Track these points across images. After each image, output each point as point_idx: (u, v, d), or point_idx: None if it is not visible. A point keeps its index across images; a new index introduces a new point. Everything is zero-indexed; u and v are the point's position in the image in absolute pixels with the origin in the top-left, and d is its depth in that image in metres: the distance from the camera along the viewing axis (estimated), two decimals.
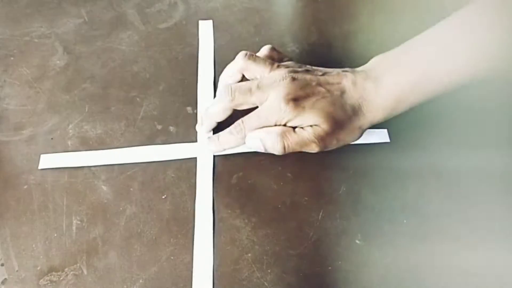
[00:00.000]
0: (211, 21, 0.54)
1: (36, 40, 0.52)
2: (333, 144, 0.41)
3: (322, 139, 0.39)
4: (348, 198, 0.43)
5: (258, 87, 0.40)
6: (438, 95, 0.40)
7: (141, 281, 0.37)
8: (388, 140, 0.46)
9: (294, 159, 0.44)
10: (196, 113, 0.47)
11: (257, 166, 0.43)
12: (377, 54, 0.45)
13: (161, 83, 0.49)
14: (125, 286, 0.37)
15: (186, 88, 0.49)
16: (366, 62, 0.45)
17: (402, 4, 0.56)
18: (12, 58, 0.51)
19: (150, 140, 0.45)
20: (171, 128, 0.46)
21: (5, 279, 0.37)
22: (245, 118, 0.41)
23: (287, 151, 0.40)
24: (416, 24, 0.54)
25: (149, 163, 0.43)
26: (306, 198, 0.42)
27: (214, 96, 0.48)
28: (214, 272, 0.37)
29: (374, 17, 0.55)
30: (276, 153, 0.40)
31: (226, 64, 0.48)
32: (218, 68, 0.50)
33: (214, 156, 0.44)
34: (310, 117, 0.39)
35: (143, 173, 0.43)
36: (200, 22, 0.54)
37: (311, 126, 0.39)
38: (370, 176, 0.44)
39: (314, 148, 0.40)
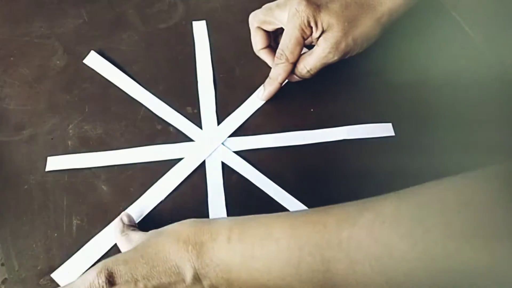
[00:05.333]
0: (204, 21, 0.54)
1: (36, 40, 0.52)
2: (351, 46, 0.42)
3: (336, 45, 0.41)
4: (348, 198, 0.43)
5: None
6: None
7: None
8: (393, 134, 0.46)
9: (294, 159, 0.44)
10: (196, 113, 0.47)
11: (257, 166, 0.43)
12: (376, 53, 0.45)
13: (161, 83, 0.49)
14: None
15: (186, 88, 0.49)
16: (366, 62, 0.45)
17: None
18: (12, 58, 0.51)
19: (150, 140, 0.45)
20: (171, 128, 0.46)
21: (5, 278, 0.37)
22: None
23: (311, 74, 0.44)
24: (417, 25, 0.54)
25: (149, 163, 0.43)
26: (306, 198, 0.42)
27: (215, 95, 0.48)
28: None
29: None
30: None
31: (226, 65, 0.48)
32: (219, 69, 0.50)
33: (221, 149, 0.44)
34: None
35: (143, 173, 0.43)
36: (194, 23, 0.54)
37: (322, 36, 0.41)
38: (370, 176, 0.44)
39: (332, 58, 0.42)
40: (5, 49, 0.51)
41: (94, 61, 0.50)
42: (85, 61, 0.50)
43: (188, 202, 0.42)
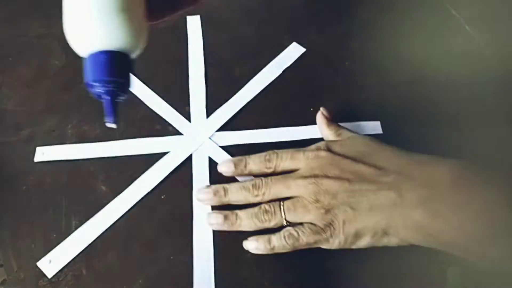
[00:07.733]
0: (198, 16, 0.54)
1: (34, 41, 0.52)
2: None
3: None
4: None
5: None
6: None
7: (140, 281, 0.37)
8: (381, 132, 0.45)
9: None
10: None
11: None
12: (376, 53, 0.45)
13: (159, 82, 0.49)
14: (124, 287, 0.37)
15: (185, 87, 0.49)
16: (365, 61, 0.44)
17: (402, 4, 0.56)
18: (10, 59, 0.50)
19: None
20: (170, 128, 0.46)
21: (5, 279, 0.37)
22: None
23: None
24: (417, 23, 0.54)
25: (147, 164, 0.43)
26: None
27: (206, 92, 0.48)
28: (215, 272, 0.37)
29: (374, 17, 0.55)
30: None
31: (225, 64, 0.47)
32: (217, 68, 0.50)
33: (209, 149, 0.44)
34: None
35: (142, 173, 0.43)
36: (188, 17, 0.54)
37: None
38: None
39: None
40: (3, 50, 0.51)
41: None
42: None
43: (173, 196, 0.41)
